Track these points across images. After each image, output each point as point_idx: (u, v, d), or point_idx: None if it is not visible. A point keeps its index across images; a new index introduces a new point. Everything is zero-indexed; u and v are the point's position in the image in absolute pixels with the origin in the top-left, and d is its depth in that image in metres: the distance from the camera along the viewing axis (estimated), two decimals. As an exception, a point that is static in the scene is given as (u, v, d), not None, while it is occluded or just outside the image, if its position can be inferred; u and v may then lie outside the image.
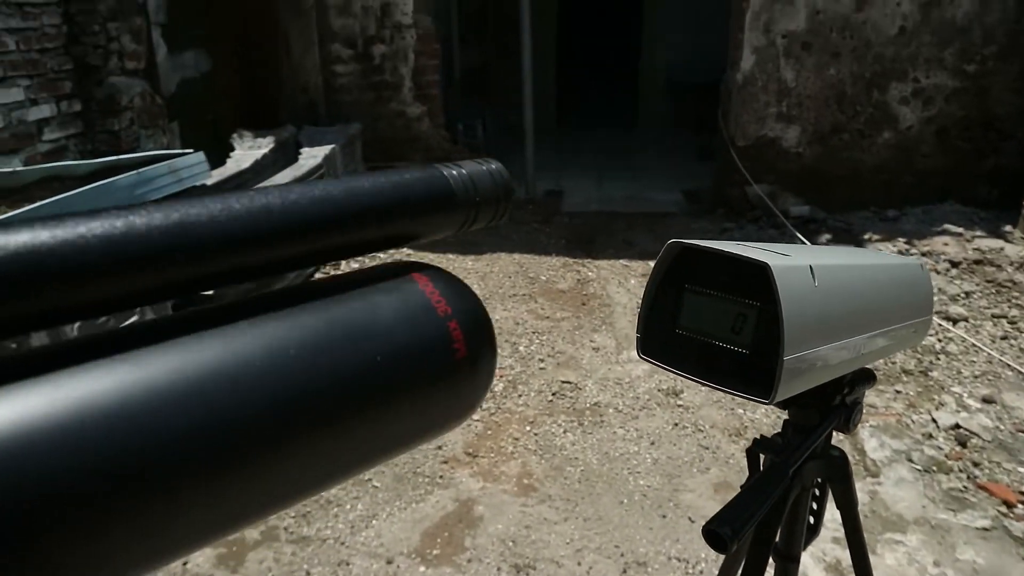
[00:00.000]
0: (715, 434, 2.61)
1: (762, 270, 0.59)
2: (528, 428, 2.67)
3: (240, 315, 0.30)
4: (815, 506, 1.00)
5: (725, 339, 0.64)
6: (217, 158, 4.21)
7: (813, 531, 1.00)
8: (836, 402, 0.85)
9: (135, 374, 0.26)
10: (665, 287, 0.67)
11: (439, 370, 0.34)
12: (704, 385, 0.64)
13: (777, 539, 0.99)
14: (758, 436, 0.91)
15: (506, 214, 0.42)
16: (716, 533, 0.66)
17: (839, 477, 0.95)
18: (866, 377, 0.88)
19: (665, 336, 0.67)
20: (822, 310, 0.65)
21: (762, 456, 0.91)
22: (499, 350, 3.20)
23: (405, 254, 4.50)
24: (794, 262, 0.63)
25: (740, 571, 0.92)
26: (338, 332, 0.32)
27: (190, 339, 0.28)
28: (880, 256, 1.00)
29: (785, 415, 0.91)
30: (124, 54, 3.79)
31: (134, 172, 2.59)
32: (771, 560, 0.97)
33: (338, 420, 0.31)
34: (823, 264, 0.67)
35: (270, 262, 0.32)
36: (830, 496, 0.98)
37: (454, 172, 0.39)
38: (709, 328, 0.65)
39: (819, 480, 0.98)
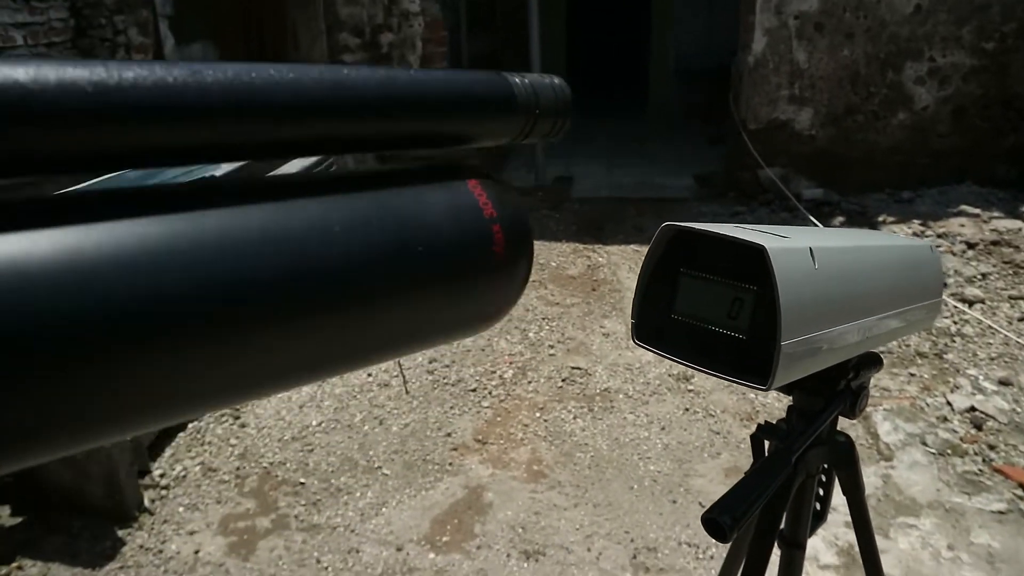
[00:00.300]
0: (726, 419, 2.60)
1: (759, 253, 0.57)
2: (538, 414, 2.67)
3: (297, 191, 0.32)
4: (821, 492, 0.99)
5: (722, 324, 0.62)
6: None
7: (819, 518, 0.99)
8: (841, 387, 0.83)
9: (197, 223, 0.28)
10: (660, 272, 0.66)
11: (477, 267, 0.36)
12: (700, 371, 0.62)
13: (782, 526, 0.98)
14: (762, 422, 0.90)
15: (564, 130, 0.42)
16: (716, 522, 0.65)
17: (845, 463, 0.93)
18: (872, 361, 0.86)
19: (660, 322, 0.66)
20: (822, 293, 0.63)
21: (766, 442, 0.90)
22: (508, 336, 3.20)
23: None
24: (793, 244, 0.62)
25: (744, 558, 0.91)
26: (386, 217, 0.33)
27: (247, 205, 0.30)
28: (888, 238, 0.98)
29: (790, 400, 0.90)
30: (131, 47, 3.80)
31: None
32: (777, 547, 0.96)
33: (373, 298, 0.32)
34: (824, 246, 0.66)
35: (329, 137, 0.33)
36: (837, 482, 0.97)
37: (517, 80, 0.40)
38: (705, 313, 0.63)
39: (825, 466, 0.96)
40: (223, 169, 3.24)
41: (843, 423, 2.71)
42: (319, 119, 0.32)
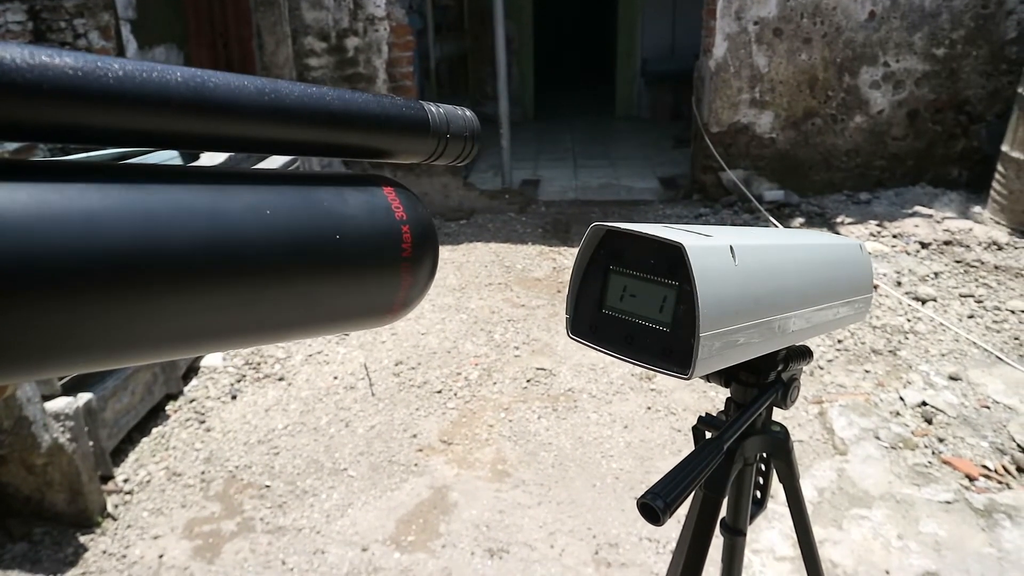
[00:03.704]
0: (687, 416, 2.65)
1: (678, 250, 0.61)
2: (503, 415, 2.70)
3: (241, 179, 0.37)
4: (761, 481, 1.03)
5: (647, 318, 0.66)
6: (190, 154, 4.19)
7: (759, 505, 1.04)
8: (772, 378, 0.88)
9: (156, 194, 0.33)
10: (591, 270, 0.70)
11: (387, 261, 0.41)
12: (628, 362, 0.66)
13: (724, 514, 1.02)
14: (703, 414, 0.94)
15: (471, 156, 0.48)
16: (649, 506, 0.69)
17: (781, 453, 0.98)
18: (802, 353, 0.90)
19: (592, 317, 0.70)
20: (742, 289, 0.67)
21: (707, 433, 0.94)
22: (474, 338, 3.22)
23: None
24: (714, 243, 0.66)
25: (687, 546, 0.95)
26: (312, 207, 0.38)
27: (190, 183, 0.35)
28: (816, 237, 1.03)
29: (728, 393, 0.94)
30: (92, 51, 3.76)
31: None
32: (719, 534, 1.00)
33: (297, 275, 0.37)
34: (746, 244, 0.70)
35: (268, 140, 0.39)
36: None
37: (433, 108, 0.45)
38: (632, 308, 0.67)
39: (764, 455, 1.01)
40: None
41: (801, 419, 2.76)
42: (260, 123, 0.37)
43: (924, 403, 2.68)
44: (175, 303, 0.33)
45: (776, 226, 4.52)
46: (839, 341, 3.15)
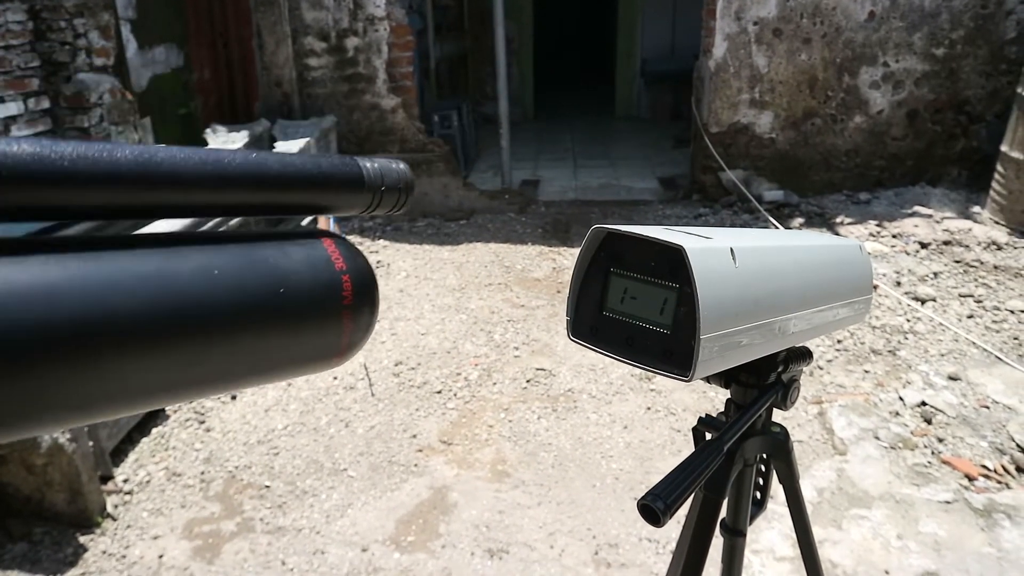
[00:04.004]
0: (687, 417, 2.65)
1: (679, 252, 0.62)
2: (502, 415, 2.70)
3: (188, 241, 0.39)
4: (761, 482, 1.03)
5: (648, 320, 0.66)
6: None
7: (759, 506, 1.04)
8: (772, 380, 0.88)
9: (110, 263, 0.35)
10: (592, 271, 0.70)
11: (329, 309, 0.43)
12: (629, 365, 0.66)
13: (724, 514, 1.02)
14: (703, 415, 0.94)
15: (406, 205, 0.50)
16: (650, 508, 0.69)
17: (780, 454, 0.98)
18: (802, 355, 0.90)
19: (593, 319, 0.70)
20: (742, 291, 0.67)
21: (708, 434, 0.94)
22: (474, 339, 3.22)
23: (382, 245, 4.51)
24: (714, 245, 0.66)
25: (687, 546, 0.95)
26: (256, 264, 0.40)
27: (141, 249, 0.37)
28: (816, 237, 1.03)
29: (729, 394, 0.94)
30: (92, 50, 3.76)
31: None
32: (720, 535, 1.01)
33: (242, 332, 0.39)
34: (746, 246, 0.70)
35: (214, 205, 0.41)
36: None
37: (367, 164, 0.48)
38: (633, 310, 0.67)
39: (764, 456, 1.01)
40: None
41: (800, 419, 2.76)
42: (205, 191, 0.40)
43: (924, 403, 2.68)
44: (131, 367, 0.34)
45: (776, 226, 4.52)
46: (839, 341, 3.16)
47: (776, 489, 1.02)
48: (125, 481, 2.37)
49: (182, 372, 0.37)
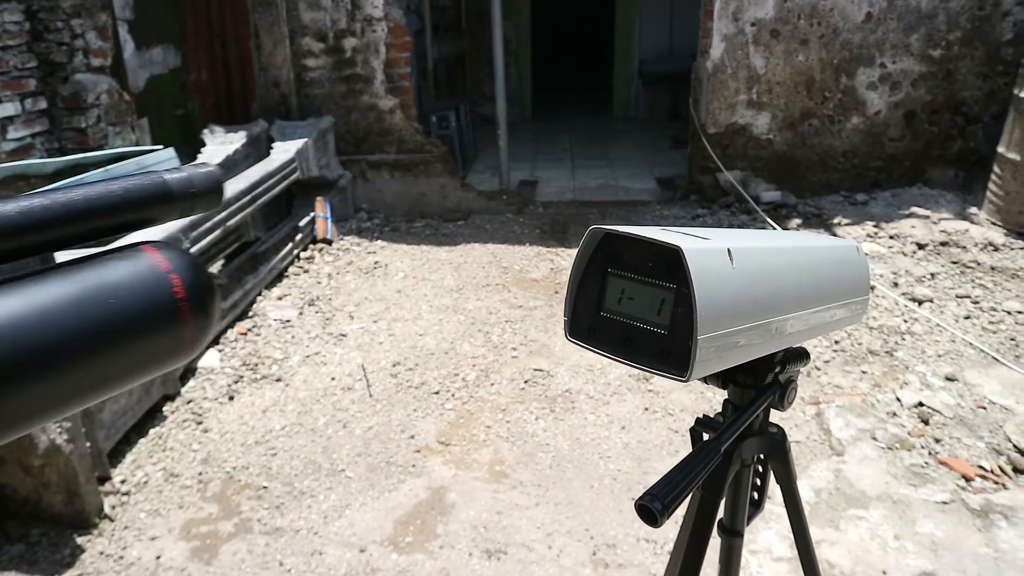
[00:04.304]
0: (685, 417, 2.66)
1: (676, 253, 0.62)
2: (500, 416, 2.70)
3: (7, 284, 0.41)
4: (758, 482, 1.03)
5: (646, 320, 0.67)
6: (189, 154, 4.19)
7: (756, 506, 1.04)
8: (769, 380, 0.88)
9: None
10: (590, 272, 0.70)
11: (164, 310, 0.45)
12: (626, 365, 0.67)
13: (721, 515, 1.02)
14: (700, 415, 0.94)
15: (217, 203, 0.54)
16: (647, 508, 0.69)
17: (778, 454, 0.98)
18: (799, 355, 0.91)
19: (591, 319, 0.70)
20: (740, 292, 0.68)
21: (705, 434, 0.94)
22: (471, 340, 3.22)
23: (380, 246, 4.51)
24: (712, 245, 0.66)
25: (685, 547, 0.95)
26: (84, 284, 0.43)
27: None
28: (813, 238, 1.03)
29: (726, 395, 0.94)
30: (89, 51, 3.76)
31: (102, 169, 2.58)
32: (717, 535, 1.01)
33: (87, 347, 0.41)
34: (743, 247, 0.70)
35: (32, 245, 0.44)
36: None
37: (174, 175, 0.51)
38: (630, 310, 0.67)
39: (761, 457, 1.01)
40: None
41: (798, 419, 2.77)
42: (19, 236, 0.43)
43: (921, 404, 2.68)
44: None
45: (773, 227, 4.53)
46: (836, 342, 3.16)
47: (773, 489, 1.03)
48: (122, 482, 2.36)
49: (15, 407, 0.39)
